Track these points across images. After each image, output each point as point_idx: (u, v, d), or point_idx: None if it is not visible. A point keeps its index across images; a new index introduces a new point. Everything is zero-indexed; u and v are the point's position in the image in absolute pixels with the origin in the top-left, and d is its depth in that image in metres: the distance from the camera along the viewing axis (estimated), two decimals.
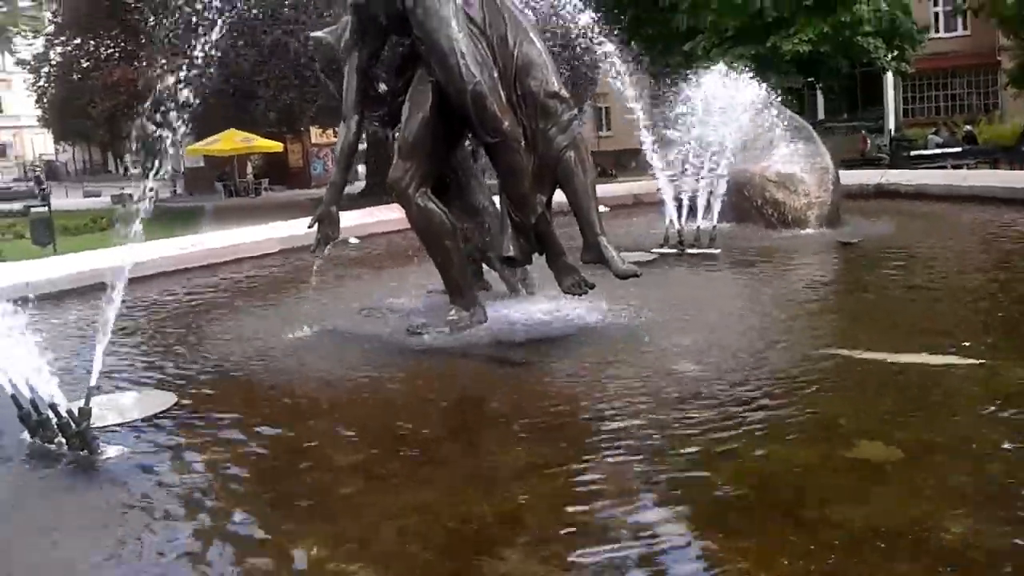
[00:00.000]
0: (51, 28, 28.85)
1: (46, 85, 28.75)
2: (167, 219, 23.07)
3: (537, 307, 6.14)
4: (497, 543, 2.94)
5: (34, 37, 30.94)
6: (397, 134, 5.97)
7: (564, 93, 5.60)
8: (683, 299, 6.74)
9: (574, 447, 3.84)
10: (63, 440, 3.97)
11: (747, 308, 6.31)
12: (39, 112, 32.37)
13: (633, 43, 25.39)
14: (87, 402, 4.04)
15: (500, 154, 5.60)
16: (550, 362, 5.18)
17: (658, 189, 8.77)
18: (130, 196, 34.29)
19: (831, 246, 8.88)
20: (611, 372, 4.88)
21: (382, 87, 6.31)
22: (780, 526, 2.89)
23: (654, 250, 8.57)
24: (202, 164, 41.71)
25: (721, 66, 9.49)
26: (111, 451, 3.96)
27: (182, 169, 42.98)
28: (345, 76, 6.10)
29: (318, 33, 6.49)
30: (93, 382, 4.19)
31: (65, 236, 21.62)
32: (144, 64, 24.16)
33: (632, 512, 3.10)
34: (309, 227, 6.16)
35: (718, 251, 8.40)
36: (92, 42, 25.44)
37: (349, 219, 8.43)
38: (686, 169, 8.73)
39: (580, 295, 5.80)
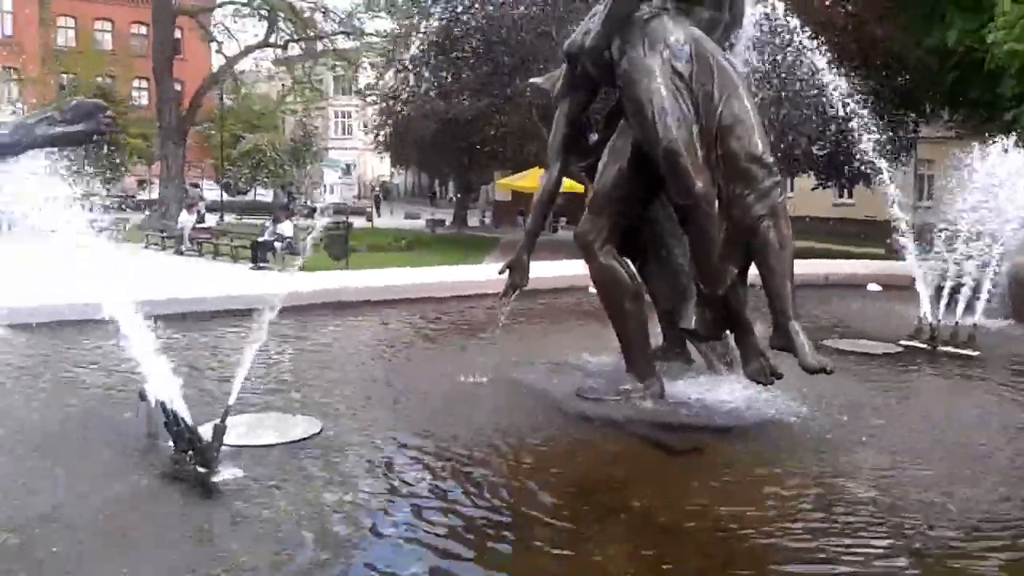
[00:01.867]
0: (380, 59, 31.88)
1: (377, 115, 31.75)
2: (466, 246, 24.40)
3: (724, 389, 5.58)
4: None
5: (372, 69, 34.22)
6: None
7: (768, 157, 5.04)
8: (901, 407, 5.82)
9: (687, 553, 3.41)
10: (190, 455, 4.11)
11: (987, 432, 5.24)
12: (380, 137, 35.63)
13: (947, 110, 23.19)
14: (223, 420, 4.18)
15: (690, 217, 5.17)
16: (707, 455, 4.67)
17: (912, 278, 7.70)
18: (441, 222, 37.03)
19: None
20: (767, 479, 4.27)
21: (593, 137, 6.12)
22: None
23: (902, 342, 7.56)
24: (510, 198, 43.77)
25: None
26: (227, 472, 4.05)
27: (492, 200, 45.34)
28: (554, 123, 5.99)
29: (536, 80, 6.44)
30: (232, 401, 4.32)
31: (370, 252, 23.47)
32: (464, 99, 25.80)
33: None
34: (500, 272, 6.07)
35: (976, 353, 7.20)
36: (416, 72, 27.59)
37: None
38: (949, 253, 7.60)
39: (764, 384, 5.20)
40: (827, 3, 21.30)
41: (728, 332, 5.48)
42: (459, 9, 25.30)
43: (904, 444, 4.89)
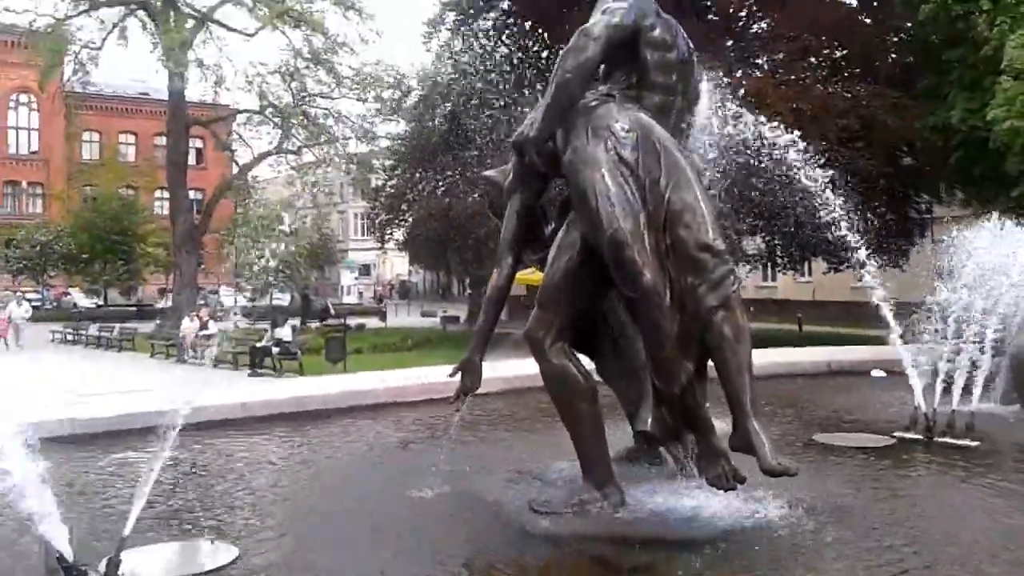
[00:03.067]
0: (389, 162, 32.26)
1: (379, 213, 32.00)
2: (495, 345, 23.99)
3: (692, 495, 5.09)
4: None
5: (383, 171, 34.63)
6: None
7: (719, 245, 4.71)
8: (895, 511, 5.25)
9: None
10: None
11: (991, 543, 4.65)
12: (396, 237, 35.84)
13: (956, 188, 22.93)
14: (117, 554, 3.81)
15: (639, 310, 4.81)
16: (664, 572, 4.20)
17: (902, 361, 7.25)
18: (455, 319, 36.80)
19: None
20: None
21: (549, 228, 5.83)
22: None
23: (896, 434, 7.05)
24: (524, 292, 43.59)
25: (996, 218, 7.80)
26: None
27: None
28: (505, 217, 5.72)
29: (489, 172, 6.19)
30: (127, 531, 3.95)
31: (373, 353, 23.16)
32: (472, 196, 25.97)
33: None
34: (450, 376, 5.70)
35: (976, 444, 6.66)
36: (419, 174, 27.82)
37: None
38: (941, 335, 7.14)
39: (725, 490, 4.73)
40: (829, 91, 21.37)
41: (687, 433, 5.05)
42: (465, 106, 25.70)
43: (887, 557, 4.36)
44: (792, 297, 38.48)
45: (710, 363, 4.86)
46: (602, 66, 5.42)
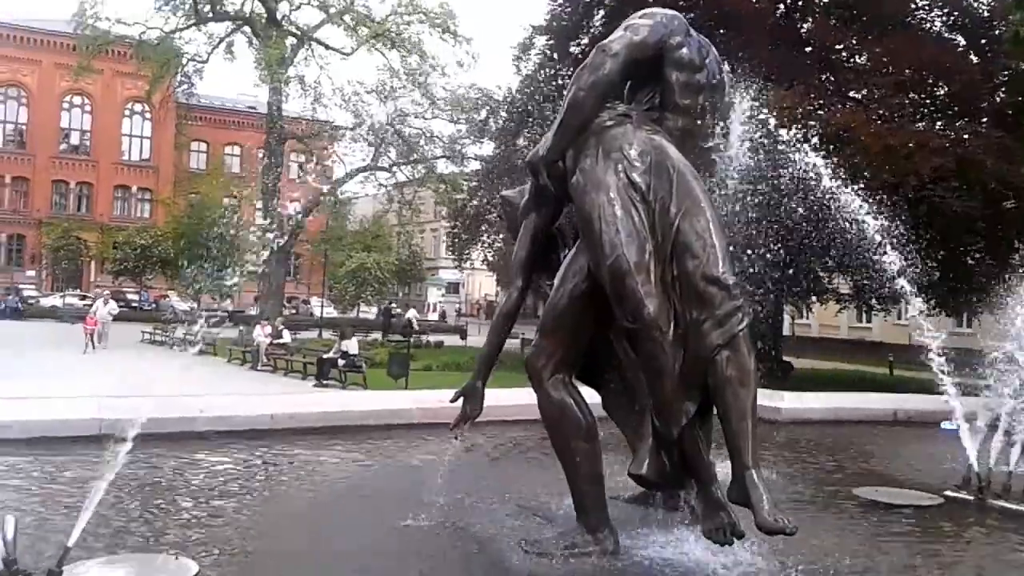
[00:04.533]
0: (473, 183, 32.36)
1: (459, 233, 32.12)
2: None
3: (695, 548, 4.72)
4: None
5: (466, 191, 34.81)
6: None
7: (727, 279, 4.36)
8: None
9: None
10: None
11: None
12: (487, 257, 35.99)
13: None
14: (60, 564, 3.70)
15: (640, 344, 4.49)
16: None
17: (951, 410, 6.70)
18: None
19: None
20: None
21: (565, 253, 5.57)
22: None
23: (947, 492, 6.49)
24: None
25: None
26: None
27: None
28: (518, 238, 5.49)
29: (507, 192, 5.98)
30: (71, 542, 3.84)
31: (443, 371, 23.08)
32: None
33: None
34: (451, 401, 5.47)
35: None
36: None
37: None
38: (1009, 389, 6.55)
39: (721, 544, 4.36)
40: (923, 128, 20.47)
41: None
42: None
43: None
44: (888, 340, 36.88)
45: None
46: (628, 84, 5.20)
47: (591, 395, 5.19)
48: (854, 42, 23.18)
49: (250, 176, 63.63)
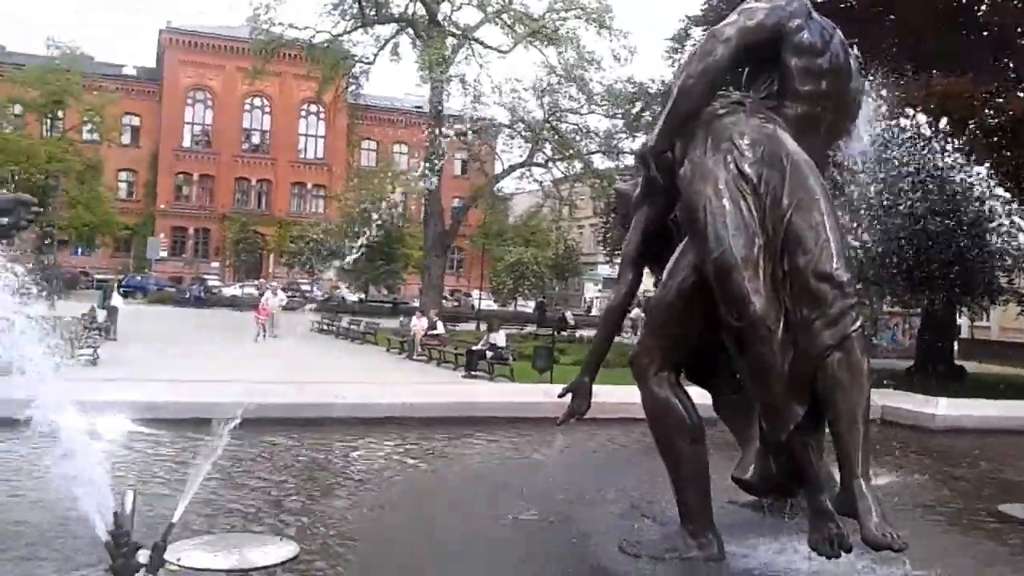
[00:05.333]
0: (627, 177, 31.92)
1: (610, 229, 31.96)
2: None
3: (804, 555, 4.48)
4: None
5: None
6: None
7: (841, 275, 4.10)
8: None
9: None
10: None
11: None
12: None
13: None
14: (164, 538, 3.90)
15: (746, 343, 4.28)
16: None
17: None
18: None
19: None
20: None
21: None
22: None
23: None
24: None
25: None
26: None
27: None
28: (630, 231, 5.37)
29: (620, 184, 5.87)
30: (176, 517, 4.04)
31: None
32: None
33: None
34: (560, 396, 5.42)
35: None
36: None
37: None
38: None
39: (828, 557, 4.10)
40: None
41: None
42: None
43: None
44: None
45: None
46: (746, 70, 5.00)
47: (703, 395, 5.03)
48: None
49: (414, 174, 65.83)
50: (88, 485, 3.93)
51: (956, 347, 29.91)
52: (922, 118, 5.78)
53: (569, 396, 5.34)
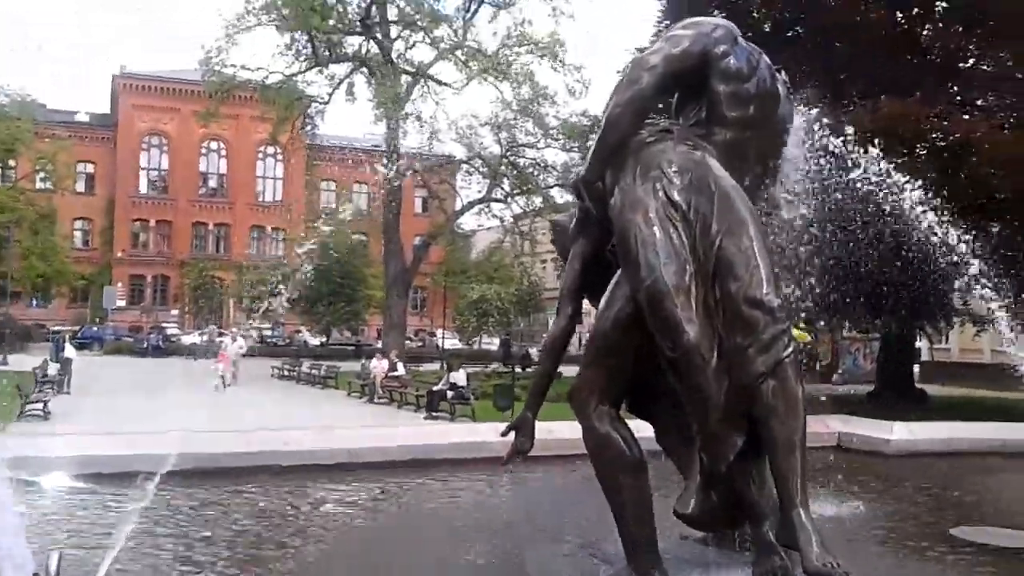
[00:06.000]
0: None
1: None
2: None
3: None
4: None
5: None
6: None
7: (772, 301, 4.04)
8: None
9: None
10: None
11: None
12: None
13: None
14: None
15: (682, 373, 4.20)
16: None
17: None
18: None
19: None
20: None
21: None
22: None
23: None
24: None
25: None
26: None
27: None
28: (567, 263, 5.29)
29: (557, 216, 5.80)
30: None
31: (558, 403, 22.90)
32: None
33: None
34: (502, 435, 5.29)
35: None
36: None
37: None
38: None
39: None
40: None
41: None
42: None
43: None
44: None
45: None
46: (675, 97, 4.99)
47: (644, 428, 4.93)
48: (978, 48, 21.90)
49: (375, 212, 65.59)
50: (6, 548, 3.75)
51: (917, 370, 30.12)
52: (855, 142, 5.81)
53: (512, 434, 5.21)
